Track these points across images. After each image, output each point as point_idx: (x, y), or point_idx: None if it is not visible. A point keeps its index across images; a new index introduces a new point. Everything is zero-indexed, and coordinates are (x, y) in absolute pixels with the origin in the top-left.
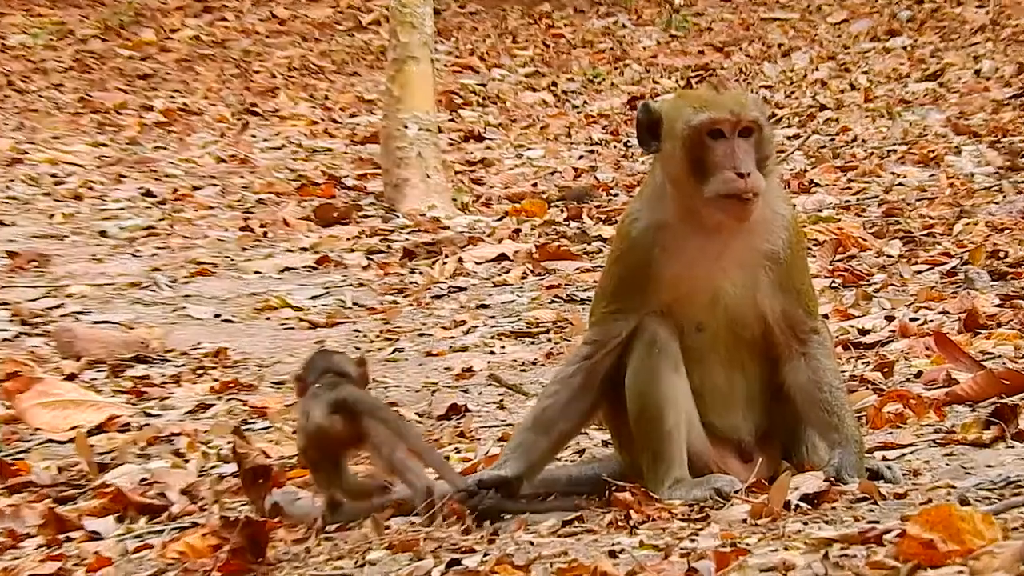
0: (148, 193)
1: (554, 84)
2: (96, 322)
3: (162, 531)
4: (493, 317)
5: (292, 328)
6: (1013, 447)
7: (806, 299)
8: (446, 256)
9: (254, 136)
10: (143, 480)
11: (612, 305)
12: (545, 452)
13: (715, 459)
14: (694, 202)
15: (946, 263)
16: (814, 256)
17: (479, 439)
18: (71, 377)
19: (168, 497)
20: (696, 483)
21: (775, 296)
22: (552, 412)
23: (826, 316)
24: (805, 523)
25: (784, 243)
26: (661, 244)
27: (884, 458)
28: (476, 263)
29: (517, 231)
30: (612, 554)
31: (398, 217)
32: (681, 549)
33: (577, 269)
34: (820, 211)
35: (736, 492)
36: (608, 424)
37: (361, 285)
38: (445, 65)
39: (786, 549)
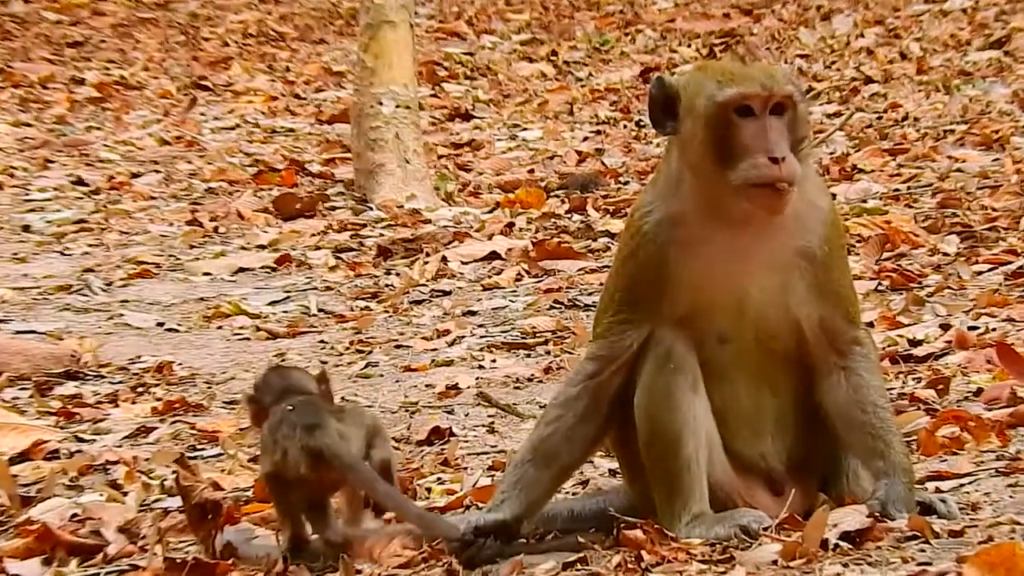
0: (79, 181)
1: (554, 53)
2: (18, 332)
3: (96, 575)
4: (482, 326)
5: (247, 339)
6: None
7: (847, 304)
8: (427, 255)
9: (203, 114)
10: (74, 516)
11: (621, 313)
12: (547, 488)
13: (740, 491)
14: (718, 191)
15: (1011, 262)
16: (857, 254)
17: (466, 468)
18: None
19: (103, 535)
20: (718, 519)
21: (811, 302)
22: (555, 441)
23: (871, 324)
24: (845, 565)
25: (821, 239)
26: (678, 241)
27: (938, 489)
28: (462, 263)
29: (510, 225)
30: None
31: (371, 209)
32: None
33: (580, 270)
34: (865, 201)
35: (765, 529)
36: (616, 451)
37: (328, 288)
38: (427, 31)
39: None
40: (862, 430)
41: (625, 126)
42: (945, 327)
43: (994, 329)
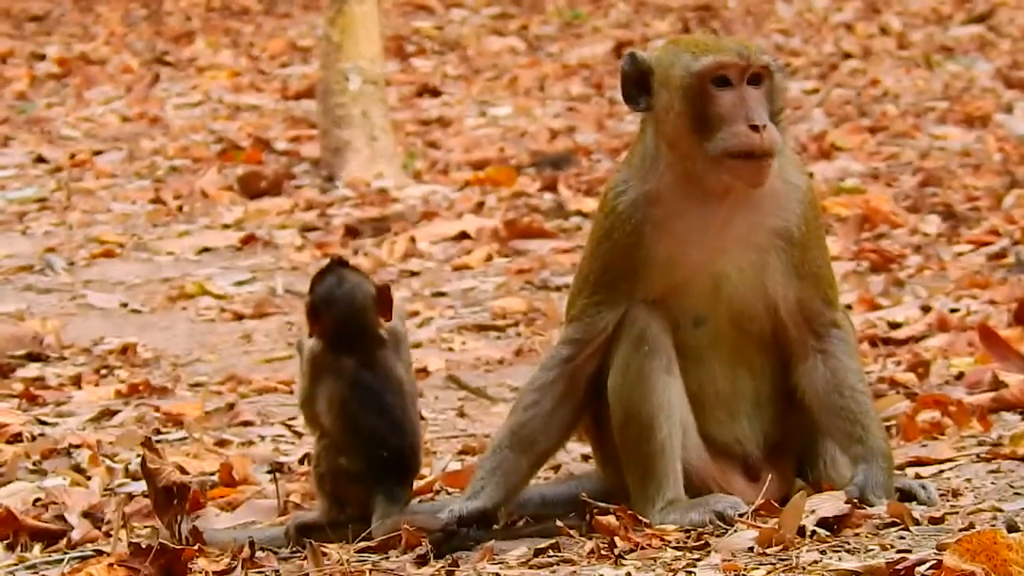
0: (40, 159)
1: (525, 28)
2: None
3: (60, 560)
4: (452, 307)
5: (213, 320)
6: None
7: (825, 286)
8: (396, 234)
9: (166, 90)
10: (37, 500)
11: (595, 295)
12: (525, 474)
13: (716, 476)
14: (696, 164)
15: (994, 243)
16: (835, 235)
17: (436, 452)
18: None
19: (67, 520)
20: (693, 505)
21: (788, 283)
22: (533, 427)
23: (849, 307)
24: (823, 552)
25: (799, 219)
26: (653, 220)
27: (918, 475)
28: (431, 243)
29: (480, 204)
30: None
31: (338, 187)
32: None
33: (552, 249)
34: (843, 180)
35: (741, 515)
36: (588, 435)
37: (294, 269)
38: (394, 4)
39: None
40: (840, 415)
41: (598, 102)
42: (925, 309)
43: (975, 311)
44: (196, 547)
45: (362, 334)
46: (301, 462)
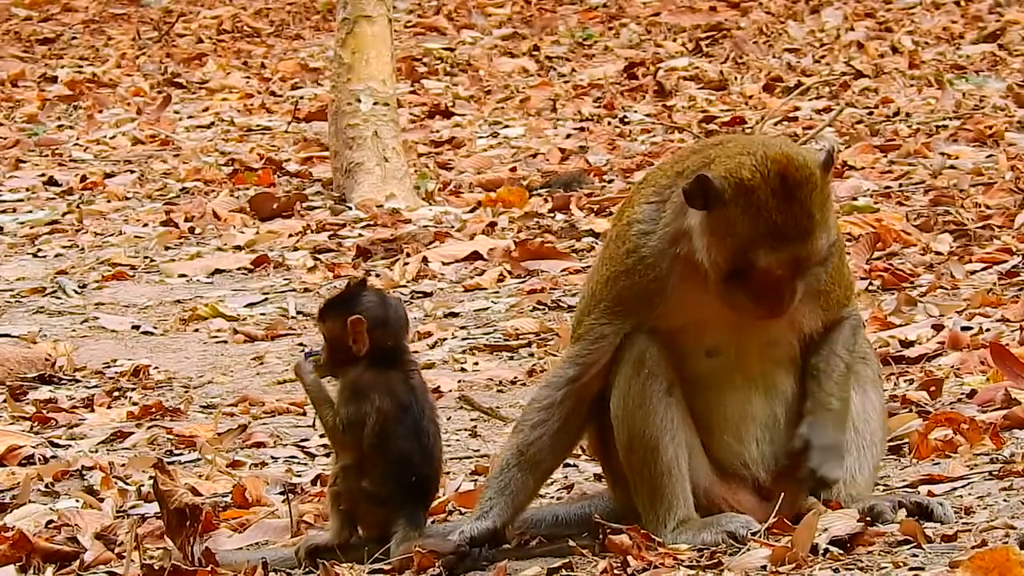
0: (51, 181)
1: (536, 48)
2: None
3: None
4: (464, 328)
5: (225, 342)
6: None
7: (845, 292)
8: (408, 255)
9: (177, 113)
10: (50, 522)
11: (604, 318)
12: (532, 492)
13: (726, 496)
14: (713, 286)
15: (1006, 261)
16: (848, 253)
17: (448, 472)
18: None
19: (80, 542)
20: (705, 524)
21: (814, 309)
22: (540, 446)
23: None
24: (836, 571)
25: (825, 271)
26: (678, 272)
27: (931, 493)
28: (443, 263)
29: (492, 225)
30: None
31: (350, 209)
32: None
33: (564, 270)
34: (855, 199)
35: (753, 534)
36: (597, 456)
37: (307, 290)
38: (405, 26)
39: None
40: (809, 372)
41: (609, 123)
42: (938, 328)
43: (988, 329)
44: (209, 568)
45: (404, 352)
46: (314, 483)
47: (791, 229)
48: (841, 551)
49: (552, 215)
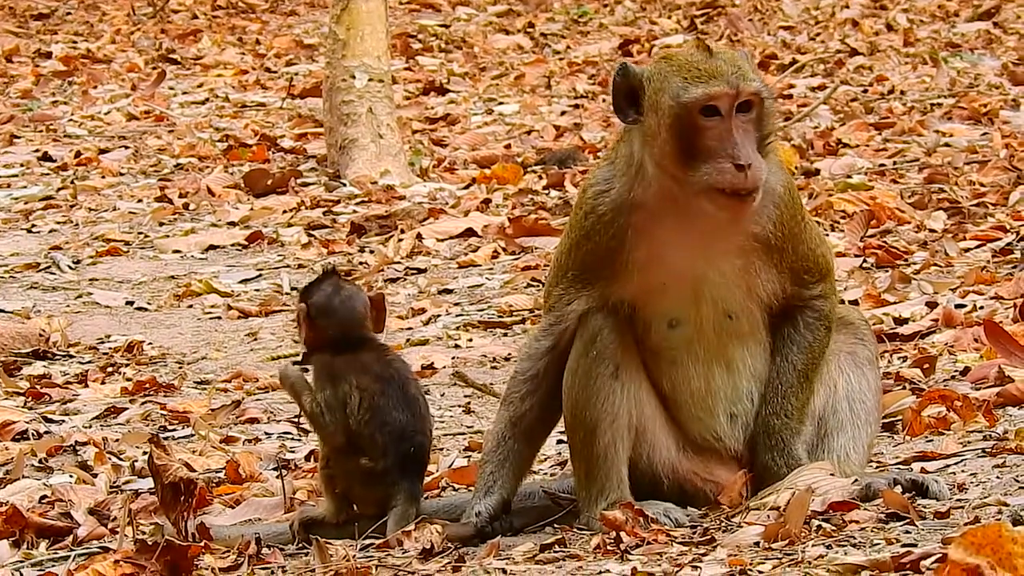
0: (46, 157)
1: (531, 25)
2: None
3: (66, 557)
4: (458, 304)
5: (219, 317)
6: None
7: (813, 267)
8: (402, 232)
9: (172, 88)
10: (43, 498)
11: (572, 287)
12: (529, 462)
13: (698, 471)
14: (679, 188)
15: (999, 239)
16: (842, 231)
17: (442, 448)
18: None
19: (73, 517)
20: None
21: (775, 279)
22: (532, 417)
23: (855, 303)
24: (828, 546)
25: (773, 224)
26: (634, 225)
27: (924, 470)
28: (438, 240)
29: (487, 202)
30: None
31: (344, 185)
32: None
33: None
34: (849, 177)
35: (678, 525)
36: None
37: (300, 266)
38: (400, 2)
39: None
40: (772, 357)
41: (604, 100)
42: (931, 305)
43: (982, 307)
44: (202, 543)
45: (368, 339)
46: (307, 459)
47: (717, 69)
48: (834, 527)
49: (546, 192)
